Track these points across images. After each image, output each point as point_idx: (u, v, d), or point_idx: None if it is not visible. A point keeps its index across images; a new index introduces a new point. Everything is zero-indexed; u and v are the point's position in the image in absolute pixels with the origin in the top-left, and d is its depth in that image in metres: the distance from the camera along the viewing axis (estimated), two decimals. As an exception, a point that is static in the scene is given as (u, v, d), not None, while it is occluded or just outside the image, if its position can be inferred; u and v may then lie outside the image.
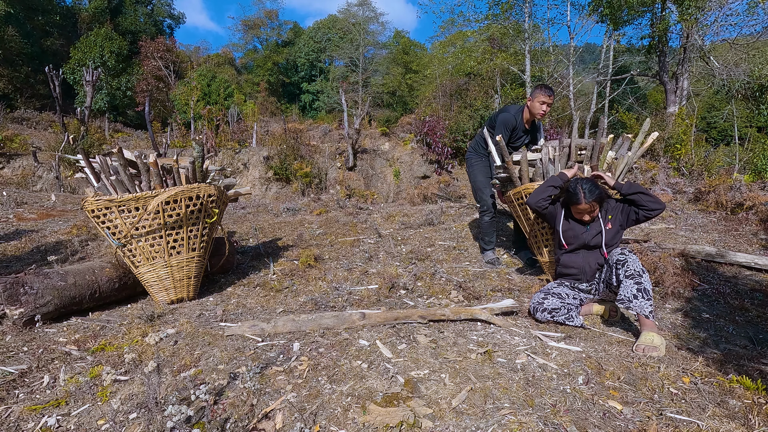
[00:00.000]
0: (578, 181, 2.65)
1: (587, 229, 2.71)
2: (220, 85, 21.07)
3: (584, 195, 2.61)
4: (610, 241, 2.67)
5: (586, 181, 2.64)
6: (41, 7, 25.59)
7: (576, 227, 2.74)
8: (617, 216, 2.71)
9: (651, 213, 2.58)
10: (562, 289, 2.69)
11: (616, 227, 2.68)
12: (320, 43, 36.13)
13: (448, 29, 20.38)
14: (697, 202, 5.43)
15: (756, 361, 2.05)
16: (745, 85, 12.01)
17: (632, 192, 2.61)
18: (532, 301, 2.62)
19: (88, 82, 13.34)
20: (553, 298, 2.58)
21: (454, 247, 4.22)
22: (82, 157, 2.97)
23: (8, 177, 11.33)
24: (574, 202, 2.64)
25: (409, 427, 1.52)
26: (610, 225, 2.67)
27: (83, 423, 1.64)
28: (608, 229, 2.67)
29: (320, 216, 6.13)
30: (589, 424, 1.55)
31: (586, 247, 2.72)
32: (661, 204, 2.55)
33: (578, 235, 2.71)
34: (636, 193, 2.59)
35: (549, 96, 3.42)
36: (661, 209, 2.55)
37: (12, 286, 2.52)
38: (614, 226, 2.68)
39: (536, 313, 2.54)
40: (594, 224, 2.68)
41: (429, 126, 13.28)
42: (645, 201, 2.56)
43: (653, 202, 2.55)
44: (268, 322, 2.38)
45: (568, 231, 2.76)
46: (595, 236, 2.67)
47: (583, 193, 2.62)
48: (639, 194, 2.58)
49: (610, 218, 2.69)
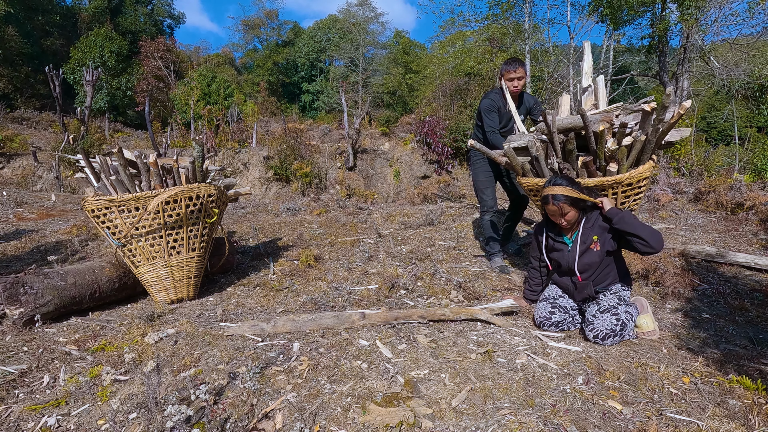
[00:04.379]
0: (553, 177, 2.39)
1: (569, 247, 2.42)
2: (220, 85, 21.06)
3: (551, 196, 2.31)
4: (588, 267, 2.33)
5: (560, 179, 2.35)
6: (41, 7, 25.58)
7: (558, 246, 2.47)
8: (605, 236, 2.32)
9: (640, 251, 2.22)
10: (566, 301, 2.48)
11: (603, 252, 2.32)
12: (320, 43, 36.14)
13: (448, 29, 20.40)
14: (697, 202, 5.43)
15: (756, 361, 2.05)
16: (745, 85, 12.01)
17: (622, 229, 2.22)
18: (539, 313, 2.44)
19: (88, 82, 13.34)
20: (560, 313, 2.40)
21: (454, 247, 4.22)
22: (82, 157, 2.97)
23: (8, 177, 11.33)
24: (543, 202, 2.38)
25: (409, 427, 1.52)
26: (597, 246, 2.31)
27: (83, 423, 1.64)
28: (592, 251, 2.32)
29: (320, 216, 6.13)
30: (589, 424, 1.55)
31: (569, 271, 2.42)
32: (656, 247, 2.14)
33: (561, 256, 2.45)
34: (627, 233, 2.21)
35: (514, 70, 3.25)
36: (654, 251, 2.16)
37: (12, 286, 2.52)
38: (601, 250, 2.32)
39: (543, 326, 2.42)
40: (575, 241, 2.38)
41: (429, 126, 13.28)
42: (636, 244, 2.18)
43: (645, 246, 2.16)
44: (268, 322, 2.38)
45: (552, 249, 2.51)
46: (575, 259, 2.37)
47: (551, 195, 2.31)
48: (630, 236, 2.19)
49: (596, 239, 2.32)
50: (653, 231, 2.16)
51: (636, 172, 2.60)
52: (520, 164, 2.86)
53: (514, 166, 2.91)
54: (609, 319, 2.19)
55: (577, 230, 2.39)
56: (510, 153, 2.82)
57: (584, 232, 2.36)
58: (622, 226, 2.20)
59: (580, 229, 2.37)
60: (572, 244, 2.40)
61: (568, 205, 2.29)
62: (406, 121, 16.78)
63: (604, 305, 2.26)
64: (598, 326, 2.18)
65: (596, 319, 2.21)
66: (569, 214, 2.32)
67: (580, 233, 2.36)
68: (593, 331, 2.19)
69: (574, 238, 2.41)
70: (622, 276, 2.42)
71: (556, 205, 2.30)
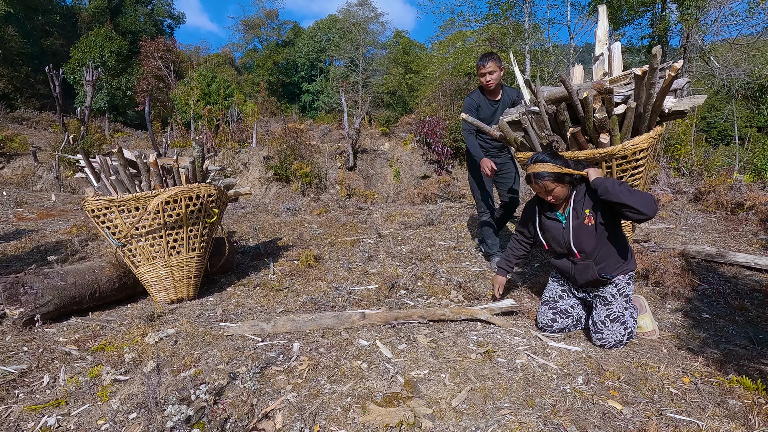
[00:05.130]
0: (536, 153, 2.27)
1: (563, 224, 2.27)
2: (220, 85, 21.06)
3: (533, 175, 2.18)
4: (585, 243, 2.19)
5: (542, 154, 2.22)
6: (41, 7, 25.59)
7: (551, 224, 2.32)
8: (598, 209, 2.16)
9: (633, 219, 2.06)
10: (566, 301, 2.40)
11: (598, 226, 2.16)
12: (320, 43, 36.16)
13: (448, 29, 20.42)
14: (697, 202, 5.43)
15: (756, 361, 2.05)
16: (745, 85, 12.02)
17: (608, 200, 2.05)
18: (541, 318, 2.40)
19: (88, 81, 13.34)
20: (562, 319, 2.36)
21: (454, 247, 4.22)
22: (82, 157, 2.97)
23: (8, 177, 11.33)
24: (526, 181, 2.24)
25: (409, 427, 1.52)
26: (591, 220, 2.16)
27: (83, 423, 1.64)
28: (586, 226, 2.16)
29: (320, 216, 6.13)
30: (589, 424, 1.55)
31: (569, 251, 2.26)
32: (647, 213, 1.98)
33: (556, 234, 2.30)
34: (614, 203, 2.03)
35: (484, 65, 3.29)
36: (647, 218, 2.00)
37: (12, 286, 2.52)
38: (596, 223, 2.16)
39: (545, 330, 2.40)
40: (568, 216, 2.24)
41: (429, 126, 13.27)
42: (626, 213, 2.02)
43: (636, 213, 1.99)
44: (268, 322, 2.38)
45: (545, 229, 2.36)
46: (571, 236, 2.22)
47: (533, 174, 2.18)
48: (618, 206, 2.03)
49: (588, 212, 2.17)
50: (643, 196, 1.98)
51: (630, 143, 2.40)
52: (513, 138, 2.75)
53: (509, 141, 2.80)
54: (618, 329, 2.15)
55: (569, 205, 2.25)
56: (503, 127, 2.72)
57: (575, 206, 2.22)
58: (607, 196, 2.04)
59: (570, 204, 2.24)
60: (566, 220, 2.26)
61: (552, 181, 2.16)
62: (406, 121, 16.77)
63: (614, 312, 2.17)
64: (607, 336, 2.15)
65: (606, 328, 2.16)
66: (555, 191, 2.19)
67: (572, 208, 2.23)
68: (601, 340, 2.17)
69: (567, 213, 2.26)
70: (625, 256, 2.24)
71: (539, 184, 2.19)
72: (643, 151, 2.49)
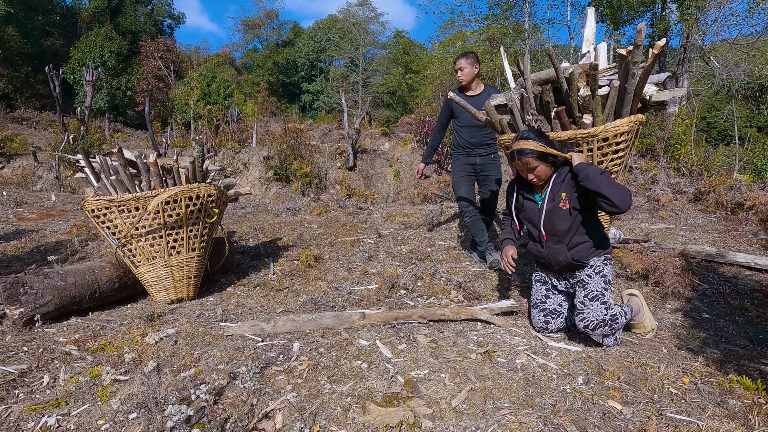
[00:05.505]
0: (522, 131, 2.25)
1: (539, 205, 2.28)
2: (220, 85, 21.06)
3: (517, 151, 2.18)
4: (555, 225, 2.19)
5: (528, 132, 2.21)
6: (41, 7, 25.59)
7: (528, 205, 2.32)
8: (573, 194, 2.17)
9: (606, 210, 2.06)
10: (553, 300, 2.39)
11: (572, 205, 2.17)
12: (320, 43, 36.15)
13: (448, 29, 20.43)
14: (697, 202, 5.43)
15: (756, 361, 2.05)
16: (745, 85, 12.02)
17: (586, 187, 2.04)
18: (534, 322, 2.40)
19: (88, 81, 13.34)
20: (554, 319, 2.35)
21: (454, 247, 4.22)
22: (82, 157, 2.97)
23: (8, 177, 11.33)
24: (509, 158, 2.24)
25: (409, 427, 1.52)
26: (566, 204, 2.16)
27: (83, 423, 1.64)
28: (561, 209, 2.17)
29: (320, 216, 6.13)
30: (589, 424, 1.55)
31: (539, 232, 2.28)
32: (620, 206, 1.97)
33: (531, 215, 2.31)
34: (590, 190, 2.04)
35: (457, 62, 3.48)
36: (619, 211, 2.00)
37: (12, 286, 2.52)
38: (570, 208, 2.17)
39: (542, 333, 2.38)
40: (544, 198, 2.24)
41: (429, 126, 13.27)
42: (600, 202, 2.03)
43: (609, 205, 2.00)
44: (268, 322, 2.38)
45: (521, 208, 2.37)
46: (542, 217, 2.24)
47: (517, 150, 2.18)
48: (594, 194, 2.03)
49: (564, 196, 2.17)
50: (620, 189, 1.98)
51: (612, 125, 2.41)
52: (498, 121, 2.79)
53: (494, 123, 2.84)
54: (598, 308, 2.10)
55: (547, 187, 2.25)
56: (489, 108, 2.77)
57: (553, 188, 2.22)
58: (586, 183, 2.03)
59: (549, 186, 2.24)
60: (541, 201, 2.27)
61: (535, 159, 2.15)
62: (406, 121, 16.76)
63: (592, 291, 2.15)
64: (588, 315, 2.10)
65: (585, 308, 2.13)
66: (538, 169, 2.18)
67: (549, 189, 2.23)
68: (583, 321, 2.11)
69: (544, 195, 2.26)
70: (599, 242, 2.23)
71: (522, 160, 2.17)
72: (624, 134, 2.51)
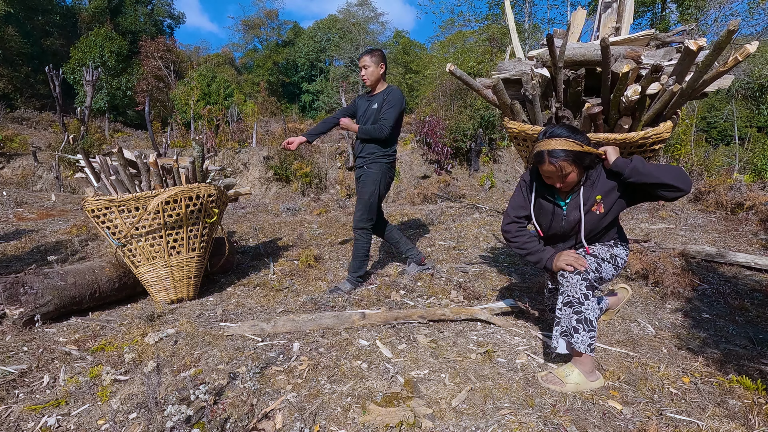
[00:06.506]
0: (550, 126, 1.88)
1: (564, 211, 1.95)
2: (220, 85, 21.08)
3: (547, 153, 1.79)
4: (594, 229, 1.93)
5: (559, 128, 1.84)
6: (41, 7, 25.59)
7: (548, 208, 1.99)
8: (612, 196, 1.86)
9: (668, 198, 1.78)
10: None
11: (608, 208, 1.89)
12: (320, 43, 36.16)
13: (448, 29, 20.43)
14: (697, 202, 5.43)
15: (756, 361, 2.05)
16: (745, 85, 12.02)
17: (638, 180, 1.76)
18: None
19: (88, 81, 13.35)
20: None
21: (454, 247, 4.22)
22: (82, 157, 2.97)
23: (8, 177, 11.33)
24: (536, 161, 1.87)
25: (409, 427, 1.52)
26: (600, 208, 1.87)
27: (83, 423, 1.64)
28: (594, 214, 1.89)
29: (320, 216, 6.13)
30: (589, 424, 1.55)
31: (563, 237, 2.01)
32: (685, 188, 1.70)
33: (553, 219, 1.98)
34: (647, 184, 1.75)
35: (361, 59, 3.16)
36: (684, 193, 1.72)
37: (12, 286, 2.52)
38: (606, 212, 1.88)
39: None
40: (573, 204, 1.92)
41: (429, 126, 13.26)
42: (661, 193, 1.75)
43: (674, 191, 1.72)
44: (268, 322, 2.38)
45: (540, 211, 2.02)
46: (573, 225, 1.94)
47: (548, 151, 1.79)
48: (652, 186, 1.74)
49: (600, 199, 1.87)
50: (676, 170, 1.72)
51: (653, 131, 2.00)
52: (509, 104, 2.24)
53: (501, 105, 2.28)
54: (590, 261, 1.88)
55: (577, 190, 1.91)
56: (499, 86, 2.19)
57: (585, 192, 1.88)
58: (638, 178, 1.75)
59: (580, 190, 1.89)
60: (567, 207, 1.94)
61: (570, 163, 1.79)
62: (406, 121, 16.78)
63: (593, 251, 1.95)
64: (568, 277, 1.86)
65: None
66: (571, 176, 1.82)
67: (582, 194, 1.88)
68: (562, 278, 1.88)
69: (569, 200, 1.94)
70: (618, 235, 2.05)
71: (554, 165, 1.79)
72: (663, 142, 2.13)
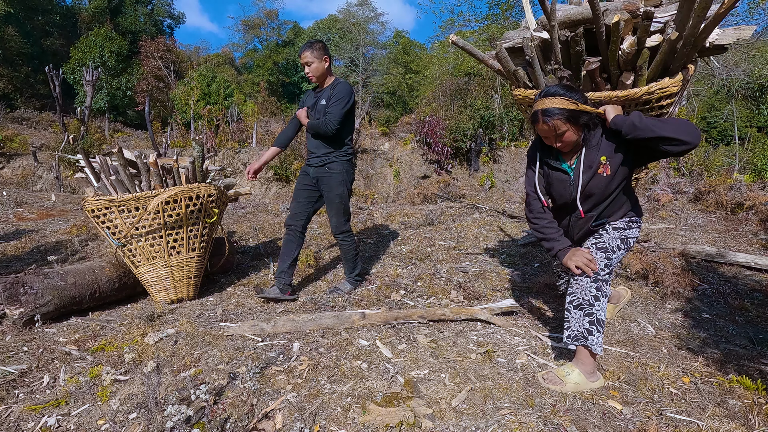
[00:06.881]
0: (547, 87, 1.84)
1: (571, 176, 1.89)
2: (220, 85, 21.07)
3: (541, 112, 1.77)
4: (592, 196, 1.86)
5: (555, 87, 1.79)
6: (41, 7, 25.58)
7: (556, 176, 1.94)
8: (617, 157, 1.80)
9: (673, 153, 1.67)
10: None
11: (615, 170, 1.81)
12: (320, 43, 36.10)
13: (448, 29, 20.37)
14: (697, 202, 5.43)
15: (756, 361, 2.05)
16: (745, 85, 12.02)
17: (640, 137, 1.68)
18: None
19: (88, 82, 13.34)
20: None
21: (454, 247, 4.22)
22: (82, 157, 2.97)
23: (8, 177, 11.33)
24: (532, 121, 1.85)
25: (409, 427, 1.52)
26: (607, 170, 1.80)
27: (83, 423, 1.64)
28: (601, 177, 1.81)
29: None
30: (589, 424, 1.55)
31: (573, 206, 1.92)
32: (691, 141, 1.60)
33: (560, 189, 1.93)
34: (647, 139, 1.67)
35: (302, 55, 2.88)
36: (691, 146, 1.61)
37: (12, 286, 2.51)
38: (612, 174, 1.81)
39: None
40: (578, 168, 1.86)
41: (429, 126, 13.26)
42: (665, 147, 1.66)
43: (678, 145, 1.62)
44: (268, 322, 2.39)
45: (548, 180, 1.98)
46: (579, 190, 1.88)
47: (541, 110, 1.77)
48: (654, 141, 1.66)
49: (605, 160, 1.81)
50: (679, 122, 1.64)
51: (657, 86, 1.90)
52: (512, 70, 2.22)
53: (507, 73, 2.29)
54: (601, 260, 1.83)
55: (579, 153, 1.86)
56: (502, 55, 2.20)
57: (588, 153, 1.83)
58: (637, 133, 1.68)
59: (582, 152, 1.85)
60: (573, 171, 1.89)
61: (565, 121, 1.75)
62: (406, 121, 16.77)
63: (604, 242, 1.87)
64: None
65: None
66: (567, 134, 1.79)
67: (584, 156, 1.84)
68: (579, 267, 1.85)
69: (575, 164, 1.89)
70: (631, 206, 1.96)
71: (548, 124, 1.77)
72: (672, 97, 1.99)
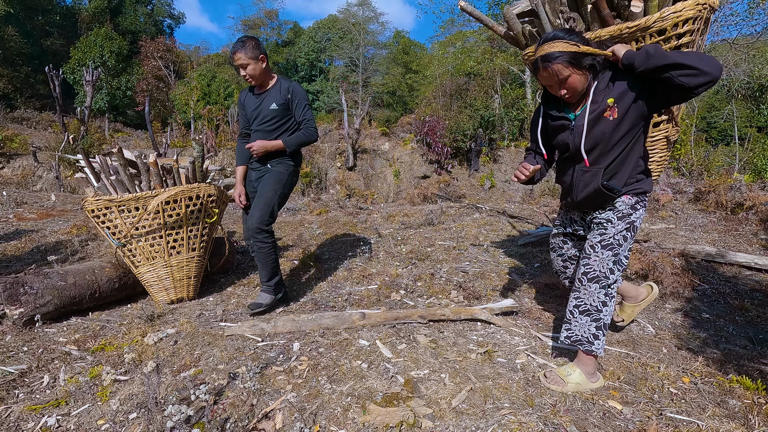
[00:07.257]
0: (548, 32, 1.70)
1: (572, 123, 1.77)
2: (220, 84, 21.06)
3: (541, 59, 1.65)
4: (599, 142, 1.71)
5: (555, 31, 1.67)
6: (41, 7, 25.58)
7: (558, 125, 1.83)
8: (626, 98, 1.65)
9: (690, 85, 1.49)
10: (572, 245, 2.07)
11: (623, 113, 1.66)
12: (320, 43, 36.13)
13: (448, 29, 20.43)
14: (697, 202, 5.43)
15: (756, 361, 2.05)
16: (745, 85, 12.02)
17: (653, 66, 1.52)
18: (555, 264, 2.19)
19: (88, 82, 13.34)
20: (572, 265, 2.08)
21: (454, 247, 4.22)
22: (82, 157, 2.97)
23: (8, 177, 11.33)
24: (533, 71, 1.74)
25: (409, 427, 1.52)
26: (614, 113, 1.66)
27: (83, 423, 1.64)
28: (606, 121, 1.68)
29: (320, 216, 6.13)
30: (589, 424, 1.55)
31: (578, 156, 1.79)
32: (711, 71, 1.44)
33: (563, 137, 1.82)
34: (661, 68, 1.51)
35: (234, 57, 2.57)
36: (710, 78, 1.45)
37: (12, 286, 2.51)
38: (620, 113, 1.66)
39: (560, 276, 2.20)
40: (582, 114, 1.75)
41: (429, 126, 13.27)
42: (680, 79, 1.49)
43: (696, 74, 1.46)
44: (268, 322, 2.39)
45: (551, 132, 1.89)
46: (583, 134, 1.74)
47: (541, 56, 1.65)
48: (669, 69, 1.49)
49: (612, 103, 1.66)
50: (701, 54, 1.49)
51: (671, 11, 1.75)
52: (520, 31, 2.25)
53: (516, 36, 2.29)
54: (607, 258, 1.77)
55: (586, 100, 1.73)
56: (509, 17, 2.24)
57: (595, 97, 1.69)
58: (650, 62, 1.52)
59: (589, 97, 1.71)
60: (576, 118, 1.78)
61: (567, 65, 1.62)
62: (406, 121, 16.77)
63: (608, 238, 1.78)
64: (594, 264, 1.79)
65: (594, 254, 1.80)
66: (571, 80, 1.65)
67: (590, 101, 1.70)
68: (586, 266, 1.81)
69: (581, 111, 1.76)
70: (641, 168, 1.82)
71: (549, 70, 1.64)
72: (688, 23, 1.81)
